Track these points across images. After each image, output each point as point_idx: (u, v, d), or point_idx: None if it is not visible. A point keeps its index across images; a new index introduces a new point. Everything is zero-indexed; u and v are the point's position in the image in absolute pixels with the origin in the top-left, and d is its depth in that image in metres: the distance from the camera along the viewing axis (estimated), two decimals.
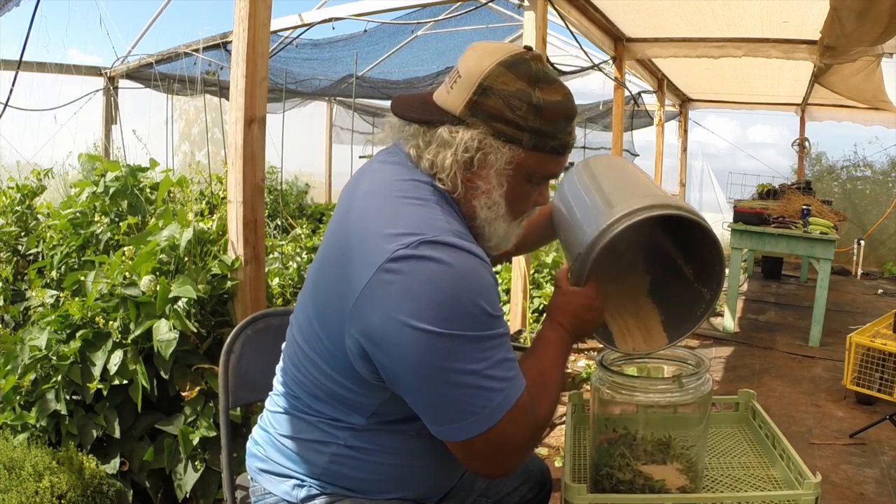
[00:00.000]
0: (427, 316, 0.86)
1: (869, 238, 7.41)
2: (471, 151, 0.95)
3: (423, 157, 0.99)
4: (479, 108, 0.95)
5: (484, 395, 0.90)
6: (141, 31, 5.57)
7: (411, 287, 0.87)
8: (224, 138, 4.28)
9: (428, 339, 0.87)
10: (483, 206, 0.99)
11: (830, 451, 2.76)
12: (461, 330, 0.88)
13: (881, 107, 6.59)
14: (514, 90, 0.94)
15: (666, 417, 1.14)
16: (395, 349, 0.89)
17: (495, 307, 0.92)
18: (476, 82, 0.94)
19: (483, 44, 1.00)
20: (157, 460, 1.95)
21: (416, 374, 0.90)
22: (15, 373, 1.98)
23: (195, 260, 2.20)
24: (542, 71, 0.97)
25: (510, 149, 0.95)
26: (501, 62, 0.95)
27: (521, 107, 0.94)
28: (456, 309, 0.87)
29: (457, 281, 0.88)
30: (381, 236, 0.90)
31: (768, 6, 4.13)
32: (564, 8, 4.22)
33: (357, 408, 1.02)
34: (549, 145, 0.97)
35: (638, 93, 7.37)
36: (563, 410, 3.18)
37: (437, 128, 0.97)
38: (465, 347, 0.88)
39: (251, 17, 2.06)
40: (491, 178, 0.98)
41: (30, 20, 2.54)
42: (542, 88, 0.95)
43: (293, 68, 5.87)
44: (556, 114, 0.96)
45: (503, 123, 0.94)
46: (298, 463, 1.07)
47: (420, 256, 0.87)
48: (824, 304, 4.22)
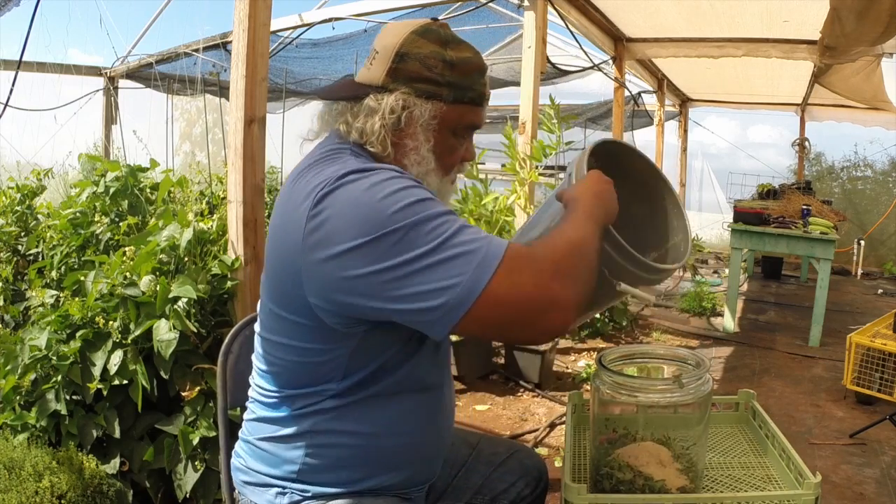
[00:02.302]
0: (358, 232, 0.88)
1: (869, 238, 7.41)
2: (396, 112, 1.02)
3: (353, 129, 1.05)
4: (399, 73, 1.03)
5: (457, 261, 0.86)
6: (141, 31, 5.58)
7: (336, 217, 0.90)
8: (224, 138, 4.28)
9: (371, 251, 0.87)
10: (413, 162, 1.05)
11: (830, 451, 2.76)
12: (397, 223, 0.87)
13: (881, 107, 6.59)
14: (429, 52, 1.03)
15: (666, 417, 1.14)
16: (352, 283, 0.89)
17: (422, 193, 0.92)
18: (393, 52, 1.03)
19: (392, 23, 1.09)
20: (157, 460, 1.95)
21: (383, 289, 0.88)
22: (15, 373, 1.98)
23: (195, 260, 2.20)
24: (451, 34, 1.07)
25: (432, 104, 1.03)
26: (413, 31, 1.04)
27: (437, 65, 1.02)
28: (381, 211, 0.88)
29: (376, 188, 0.90)
30: (301, 197, 0.95)
31: (768, 6, 4.13)
32: (564, 8, 4.22)
33: (329, 371, 1.02)
34: (466, 96, 1.05)
35: (638, 93, 7.37)
36: (563, 410, 3.19)
37: (363, 99, 1.04)
38: (408, 237, 0.87)
39: (251, 17, 2.06)
40: (418, 135, 1.04)
41: (30, 20, 2.54)
42: (453, 48, 1.04)
43: (293, 68, 5.87)
44: (469, 68, 1.05)
45: (423, 82, 1.02)
46: (277, 465, 1.07)
47: (335, 187, 0.92)
48: (824, 304, 4.22)
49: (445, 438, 1.19)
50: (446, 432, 1.19)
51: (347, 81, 1.10)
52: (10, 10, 3.17)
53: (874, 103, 6.45)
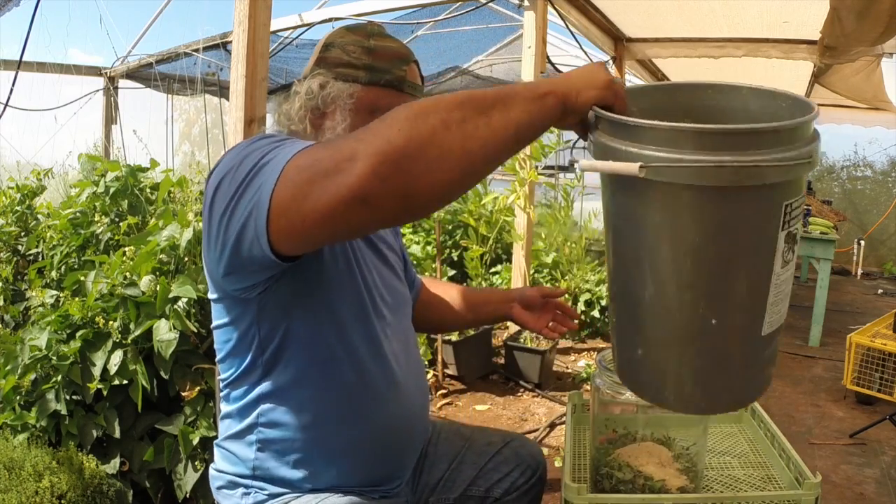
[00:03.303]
0: (225, 165, 0.90)
1: (869, 238, 7.41)
2: (314, 91, 1.08)
3: (282, 113, 1.12)
4: (324, 61, 1.09)
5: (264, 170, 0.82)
6: (141, 31, 5.57)
7: (215, 170, 0.93)
8: (224, 138, 4.28)
9: (220, 191, 0.88)
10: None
11: (830, 451, 2.76)
12: (238, 160, 0.88)
13: (881, 107, 6.59)
14: (350, 40, 1.09)
15: (666, 417, 1.14)
16: (210, 227, 0.92)
17: (290, 140, 0.90)
18: (321, 44, 1.11)
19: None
20: (157, 460, 1.95)
21: (221, 224, 0.88)
22: (15, 373, 1.98)
23: (195, 260, 2.20)
24: (379, 30, 1.12)
25: (349, 85, 1.07)
26: (344, 27, 1.12)
27: (356, 50, 1.08)
28: (238, 152, 0.90)
29: (250, 141, 0.92)
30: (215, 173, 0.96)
31: (768, 6, 4.13)
32: (564, 8, 4.22)
33: (248, 346, 1.04)
34: (383, 79, 1.07)
35: None
36: (563, 410, 3.19)
37: (291, 87, 1.12)
38: (241, 165, 0.86)
39: (251, 17, 2.06)
40: (336, 115, 1.08)
41: (30, 20, 2.55)
42: (377, 39, 1.10)
43: (293, 68, 5.87)
44: (388, 54, 1.08)
45: (342, 66, 1.08)
46: (237, 464, 1.08)
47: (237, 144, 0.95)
48: (824, 304, 4.22)
49: (408, 427, 1.13)
50: (407, 421, 1.13)
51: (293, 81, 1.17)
52: (10, 10, 3.17)
53: (874, 103, 6.45)
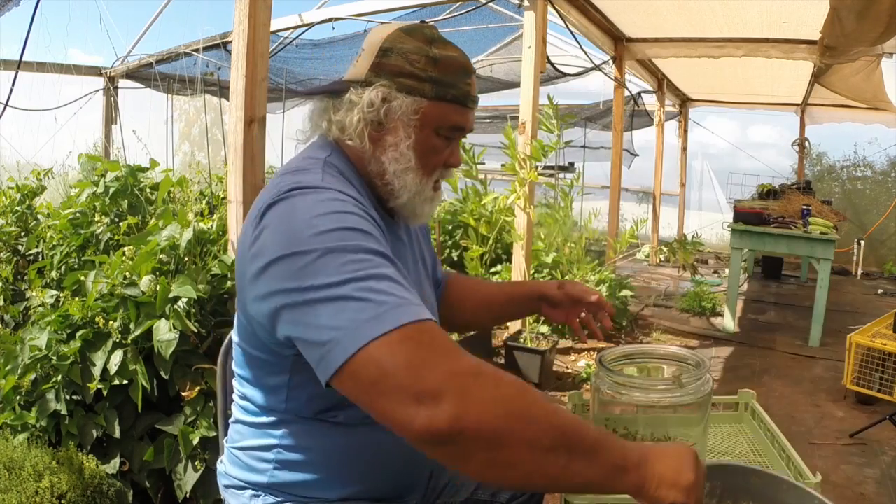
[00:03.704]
0: (281, 245, 0.84)
1: (869, 238, 7.41)
2: (376, 104, 1.00)
3: (334, 124, 1.04)
4: (382, 67, 1.01)
5: (353, 304, 0.77)
6: (141, 31, 5.58)
7: (271, 230, 0.88)
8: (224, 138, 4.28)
9: (282, 265, 0.83)
10: (391, 159, 1.03)
11: (830, 451, 2.76)
12: (316, 245, 0.82)
13: (881, 107, 6.59)
14: (412, 47, 1.01)
15: (666, 417, 1.14)
16: (263, 291, 0.87)
17: (365, 226, 0.87)
18: (377, 47, 1.02)
19: (381, 25, 1.08)
20: (157, 460, 1.95)
21: (280, 306, 0.83)
22: (15, 373, 1.98)
23: (195, 260, 2.20)
24: (437, 34, 1.04)
25: (414, 99, 1.01)
26: (399, 28, 1.03)
27: (420, 60, 1.00)
28: (309, 229, 0.84)
29: (313, 205, 0.87)
30: (255, 211, 0.94)
31: (768, 6, 4.13)
32: (564, 8, 4.22)
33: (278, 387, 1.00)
34: (449, 94, 1.02)
35: (638, 93, 7.37)
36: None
37: (344, 94, 1.03)
38: (323, 260, 0.81)
39: (251, 17, 2.05)
40: (398, 131, 1.02)
41: (30, 20, 2.55)
42: (438, 46, 1.02)
43: (293, 68, 5.87)
44: (453, 65, 1.02)
45: (405, 77, 1.00)
46: (251, 472, 1.06)
47: (281, 200, 0.90)
48: (824, 304, 4.22)
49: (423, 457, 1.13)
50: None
51: (334, 80, 1.11)
52: (9, 10, 3.17)
53: (874, 103, 6.45)
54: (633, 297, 4.73)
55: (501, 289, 1.42)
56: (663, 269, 7.19)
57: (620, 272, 5.90)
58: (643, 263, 7.53)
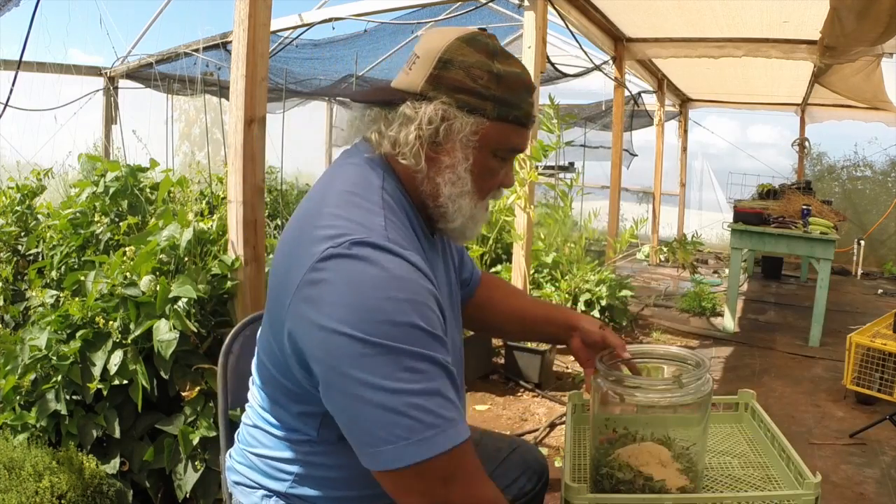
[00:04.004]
0: (347, 318, 0.82)
1: (869, 238, 7.41)
2: (434, 122, 0.93)
3: (385, 138, 0.97)
4: (441, 80, 0.94)
5: (405, 422, 0.81)
6: (141, 31, 5.57)
7: (335, 287, 0.84)
8: (224, 138, 4.28)
9: (343, 342, 0.82)
10: (447, 181, 0.97)
11: (830, 451, 2.76)
12: (381, 338, 0.81)
13: (881, 107, 6.60)
14: (475, 61, 0.94)
15: (666, 417, 1.14)
16: (314, 351, 0.86)
17: (430, 323, 0.85)
18: (436, 57, 0.94)
19: (438, 28, 1.01)
20: (157, 460, 1.95)
21: (330, 382, 0.86)
22: (15, 373, 1.98)
23: (195, 260, 2.20)
24: (499, 46, 0.97)
25: (475, 119, 0.94)
26: (459, 37, 0.95)
27: (483, 76, 0.94)
28: (378, 313, 0.82)
29: (384, 283, 0.84)
30: (315, 239, 0.89)
31: (768, 6, 4.13)
32: (564, 8, 4.22)
33: (308, 415, 0.98)
34: (512, 115, 0.96)
35: (638, 93, 7.37)
36: (563, 410, 3.19)
37: (399, 106, 0.95)
38: (384, 359, 0.81)
39: (251, 17, 2.05)
40: (456, 152, 0.96)
41: (30, 20, 2.54)
42: (501, 60, 0.96)
43: (293, 68, 5.87)
44: (517, 84, 0.96)
45: (466, 93, 0.93)
46: (266, 477, 1.05)
47: (348, 255, 0.85)
48: (824, 304, 4.22)
49: None
50: None
51: (383, 86, 1.02)
52: (9, 10, 3.17)
53: (874, 103, 6.45)
54: (633, 297, 4.73)
55: (537, 306, 1.37)
56: (663, 269, 7.19)
57: (620, 272, 5.90)
58: (643, 263, 7.53)
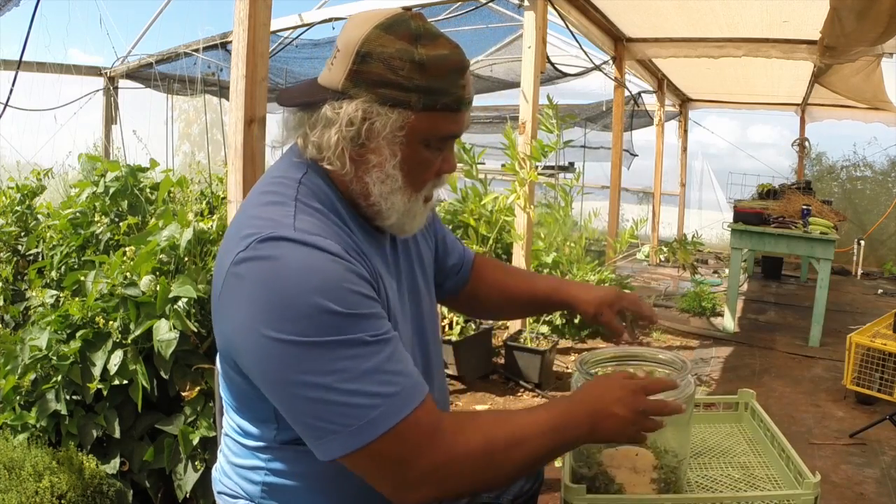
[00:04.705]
0: (264, 320, 0.81)
1: (869, 238, 7.41)
2: (356, 123, 0.89)
3: (309, 142, 0.93)
4: (360, 76, 0.88)
5: (345, 411, 0.80)
6: (141, 31, 5.58)
7: (248, 290, 0.83)
8: (224, 138, 4.28)
9: (266, 344, 0.81)
10: (376, 180, 0.93)
11: (830, 451, 2.76)
12: (300, 335, 0.80)
13: (881, 107, 6.60)
14: (394, 51, 0.87)
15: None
16: (242, 356, 0.86)
17: (349, 303, 0.83)
18: (353, 50, 0.88)
19: (359, 13, 0.93)
20: (157, 460, 1.95)
21: (266, 383, 0.85)
22: (15, 373, 1.98)
23: (195, 260, 2.20)
24: (424, 27, 0.90)
25: (399, 112, 0.89)
26: (378, 25, 0.89)
27: (404, 66, 0.87)
28: (291, 310, 0.80)
29: (288, 277, 0.81)
30: (229, 245, 0.88)
31: (768, 6, 4.13)
32: (564, 8, 4.22)
33: (261, 420, 0.97)
34: (440, 102, 0.90)
35: (638, 93, 7.36)
36: None
37: (321, 107, 0.91)
38: (308, 355, 0.80)
39: (251, 17, 2.05)
40: (382, 150, 0.91)
41: (30, 20, 2.55)
42: (425, 45, 0.89)
43: (293, 68, 5.87)
44: (443, 68, 0.89)
45: (387, 87, 0.88)
46: (242, 485, 1.04)
47: (256, 257, 0.84)
48: (824, 304, 4.22)
49: None
50: None
51: (308, 84, 0.96)
52: (9, 10, 3.17)
53: (874, 103, 6.45)
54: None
55: (533, 284, 1.36)
56: (663, 269, 7.19)
57: (620, 272, 5.90)
58: (643, 263, 7.53)
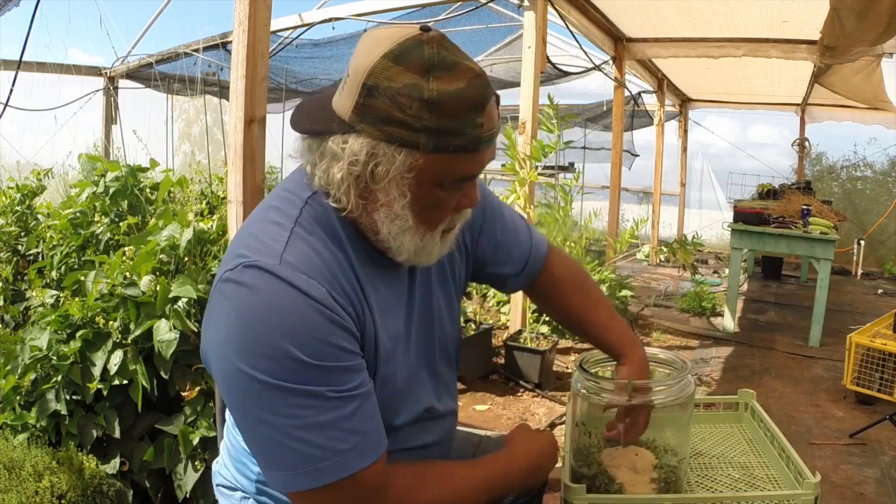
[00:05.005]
0: (234, 348, 0.81)
1: (869, 238, 7.41)
2: (360, 162, 0.83)
3: (316, 173, 0.88)
4: (366, 111, 0.82)
5: (292, 455, 0.81)
6: (141, 31, 5.58)
7: (227, 313, 0.83)
8: (224, 138, 4.28)
9: (233, 373, 0.82)
10: (384, 219, 0.87)
11: (830, 451, 2.76)
12: (265, 374, 0.79)
13: (881, 107, 6.60)
14: (402, 86, 0.80)
15: (659, 417, 1.13)
16: (214, 372, 0.87)
17: (318, 356, 0.81)
18: (360, 81, 0.81)
19: (374, 32, 0.86)
20: (157, 460, 1.95)
21: (227, 403, 0.87)
22: (15, 373, 1.98)
23: (195, 260, 2.20)
24: (439, 55, 0.81)
25: (406, 154, 0.82)
26: (387, 54, 0.81)
27: (412, 104, 0.80)
28: (258, 347, 0.80)
29: (262, 314, 0.80)
30: (231, 252, 0.88)
31: (768, 6, 4.13)
32: (564, 8, 4.22)
33: None
34: (453, 144, 0.82)
35: (638, 93, 7.37)
36: (562, 410, 3.19)
37: (328, 139, 0.85)
38: (268, 395, 0.80)
39: (251, 17, 2.05)
40: (390, 190, 0.85)
41: (30, 20, 2.55)
42: (438, 77, 0.80)
43: (293, 68, 5.88)
44: (456, 106, 0.80)
45: (393, 126, 0.81)
46: (240, 478, 1.05)
47: (239, 281, 0.83)
48: (824, 304, 4.22)
49: None
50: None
51: (320, 104, 0.89)
52: (9, 10, 3.17)
53: (874, 103, 6.45)
54: (633, 297, 4.73)
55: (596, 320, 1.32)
56: (663, 269, 7.19)
57: (620, 272, 5.90)
58: (643, 263, 7.53)
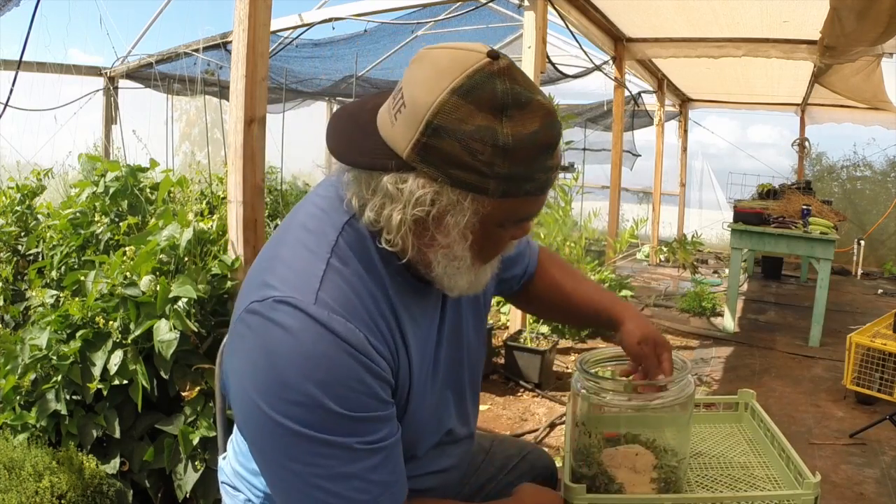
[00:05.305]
0: (260, 389, 0.77)
1: (869, 238, 7.41)
2: (423, 206, 0.76)
3: (367, 211, 0.80)
4: (430, 151, 0.74)
5: (310, 501, 0.79)
6: (141, 31, 5.58)
7: (252, 351, 0.79)
8: (224, 138, 4.28)
9: (257, 414, 0.78)
10: (441, 258, 0.82)
11: (830, 451, 2.76)
12: (292, 421, 0.76)
13: (881, 107, 6.60)
14: (474, 128, 0.72)
15: (646, 417, 1.13)
16: (235, 407, 0.84)
17: (350, 406, 0.77)
18: (423, 119, 0.73)
19: (434, 55, 0.76)
20: (157, 460, 1.95)
21: (248, 441, 0.86)
22: (15, 373, 1.98)
23: (195, 260, 2.20)
24: (512, 91, 0.74)
25: (473, 198, 0.76)
26: (456, 89, 0.73)
27: (484, 150, 0.72)
28: (287, 392, 0.76)
29: (293, 359, 0.76)
30: (257, 276, 0.84)
31: (768, 6, 4.14)
32: (564, 8, 4.22)
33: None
34: (523, 189, 0.76)
35: (638, 93, 7.37)
36: (563, 410, 3.19)
37: (381, 175, 0.77)
38: (292, 441, 0.77)
39: (251, 17, 2.06)
40: (451, 232, 0.79)
41: (30, 20, 2.55)
42: (512, 118, 0.73)
43: (293, 67, 5.88)
44: (530, 150, 0.74)
45: (462, 170, 0.74)
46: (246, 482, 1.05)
47: (267, 318, 0.78)
48: (824, 304, 4.22)
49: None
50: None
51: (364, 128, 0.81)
52: (9, 10, 3.17)
53: (874, 103, 6.46)
54: (633, 297, 4.73)
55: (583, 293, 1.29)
56: (663, 269, 7.19)
57: (620, 272, 5.90)
58: (643, 263, 7.53)
